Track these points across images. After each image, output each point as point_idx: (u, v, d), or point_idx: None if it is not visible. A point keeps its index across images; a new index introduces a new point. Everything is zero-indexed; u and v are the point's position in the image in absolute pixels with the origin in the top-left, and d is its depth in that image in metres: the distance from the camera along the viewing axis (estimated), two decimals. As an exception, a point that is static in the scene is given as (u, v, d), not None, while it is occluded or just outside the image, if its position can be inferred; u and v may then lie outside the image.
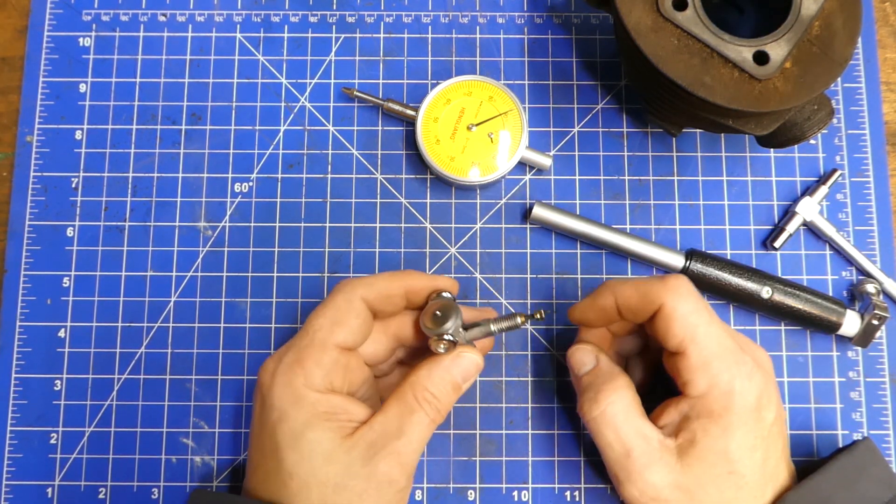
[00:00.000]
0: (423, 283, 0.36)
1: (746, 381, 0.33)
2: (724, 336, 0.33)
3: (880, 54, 0.47)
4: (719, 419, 0.32)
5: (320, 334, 0.34)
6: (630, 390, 0.35)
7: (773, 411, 0.33)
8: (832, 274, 0.44)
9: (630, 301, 0.35)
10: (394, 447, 0.32)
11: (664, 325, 0.34)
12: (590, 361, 0.37)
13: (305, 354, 0.33)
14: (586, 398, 0.35)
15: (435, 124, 0.43)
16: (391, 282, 0.36)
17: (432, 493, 0.42)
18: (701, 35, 0.36)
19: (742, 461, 0.32)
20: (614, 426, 0.34)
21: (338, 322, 0.34)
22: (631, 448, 0.33)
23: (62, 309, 0.43)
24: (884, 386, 0.43)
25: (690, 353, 0.33)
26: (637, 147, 0.46)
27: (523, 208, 0.45)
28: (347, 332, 0.34)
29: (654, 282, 0.35)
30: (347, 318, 0.34)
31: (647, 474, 0.33)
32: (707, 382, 0.33)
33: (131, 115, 0.46)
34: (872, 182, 0.45)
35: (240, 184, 0.45)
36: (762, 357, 0.35)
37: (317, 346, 0.34)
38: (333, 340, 0.34)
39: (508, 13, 0.48)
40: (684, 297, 0.34)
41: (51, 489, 0.42)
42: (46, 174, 0.45)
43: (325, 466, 0.32)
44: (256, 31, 0.47)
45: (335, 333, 0.34)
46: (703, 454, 0.32)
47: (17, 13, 0.47)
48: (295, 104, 0.46)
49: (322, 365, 0.33)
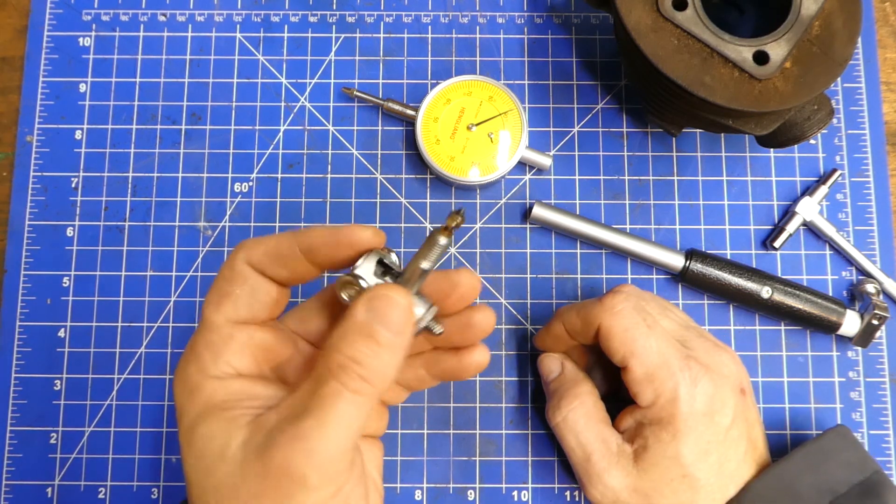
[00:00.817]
0: (321, 236, 0.29)
1: (691, 388, 0.33)
2: (664, 345, 0.34)
3: (880, 54, 0.47)
4: (668, 426, 0.33)
5: (206, 312, 0.29)
6: (592, 396, 0.37)
7: (729, 415, 0.34)
8: (832, 274, 0.44)
9: (574, 326, 0.37)
10: (296, 431, 0.24)
11: (605, 343, 0.35)
12: (556, 369, 0.39)
13: (197, 339, 0.29)
14: (551, 404, 0.38)
15: (435, 124, 0.43)
16: (281, 238, 0.29)
17: (432, 493, 0.42)
18: (701, 35, 0.36)
19: (695, 465, 0.33)
20: (575, 431, 0.36)
21: (223, 294, 0.29)
22: (591, 452, 0.35)
23: (62, 309, 0.43)
24: (884, 386, 0.43)
25: (632, 367, 0.34)
26: (637, 147, 0.46)
27: (523, 208, 0.45)
28: (234, 303, 0.29)
29: (593, 304, 0.36)
30: (231, 287, 0.29)
31: (607, 478, 0.34)
32: (652, 393, 0.34)
33: (131, 115, 0.46)
34: (872, 182, 0.45)
35: (240, 184, 0.45)
36: (719, 361, 0.35)
37: (206, 327, 0.28)
38: (222, 316, 0.28)
39: (508, 13, 0.48)
40: (619, 314, 0.35)
41: (51, 489, 0.42)
42: (46, 174, 0.45)
43: (218, 465, 0.25)
44: (256, 31, 0.47)
45: (222, 308, 0.28)
46: (656, 459, 0.33)
47: (17, 13, 0.47)
48: (295, 104, 0.46)
49: (213, 346, 0.28)
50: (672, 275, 0.44)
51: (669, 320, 0.37)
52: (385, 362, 0.26)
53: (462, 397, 0.43)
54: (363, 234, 0.28)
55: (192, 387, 0.27)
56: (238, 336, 0.29)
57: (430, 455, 0.42)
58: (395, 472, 0.42)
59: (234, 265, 0.29)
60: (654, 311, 0.36)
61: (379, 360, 0.25)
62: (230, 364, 0.28)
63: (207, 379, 0.27)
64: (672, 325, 0.36)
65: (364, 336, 0.25)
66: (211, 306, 0.29)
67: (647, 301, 0.36)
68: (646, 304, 0.36)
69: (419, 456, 0.42)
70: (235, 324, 0.29)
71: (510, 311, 0.44)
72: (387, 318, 0.26)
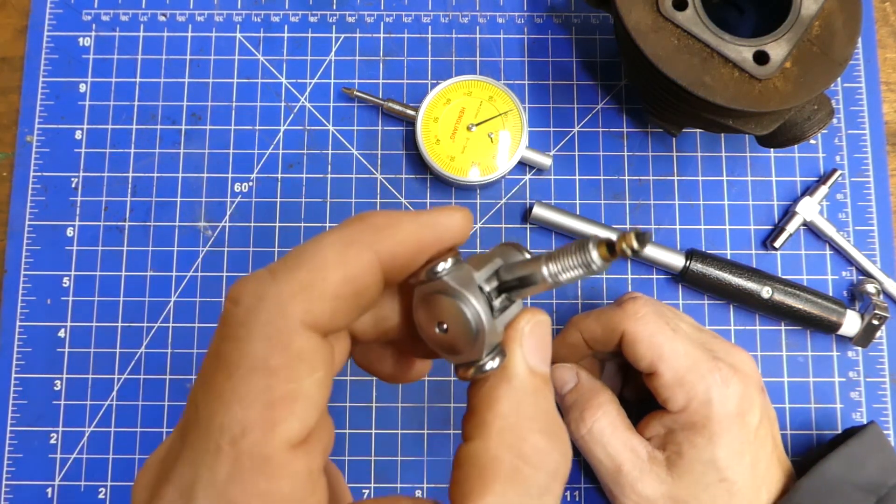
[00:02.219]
0: (414, 236, 0.19)
1: (723, 389, 0.33)
2: (691, 348, 0.34)
3: (880, 54, 0.47)
4: (703, 430, 0.33)
5: (251, 440, 0.16)
6: (614, 405, 0.36)
7: (757, 414, 0.34)
8: (832, 274, 0.44)
9: (595, 334, 0.36)
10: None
11: (630, 350, 0.35)
12: (571, 379, 0.38)
13: (239, 497, 0.16)
14: (572, 418, 0.36)
15: (435, 124, 0.43)
16: (350, 258, 0.17)
17: (432, 493, 0.42)
18: (701, 35, 0.36)
19: (731, 468, 0.33)
20: (602, 443, 0.35)
21: (275, 403, 0.16)
22: (621, 463, 0.34)
23: (62, 309, 0.43)
24: (884, 386, 0.43)
25: (662, 372, 0.34)
26: (637, 147, 0.46)
27: (523, 208, 0.45)
28: (303, 408, 0.17)
29: (613, 311, 0.36)
30: (288, 385, 0.16)
31: (640, 487, 0.33)
32: (684, 397, 0.33)
33: (131, 115, 0.46)
34: (872, 182, 0.45)
35: (240, 184, 0.45)
36: (740, 360, 0.35)
37: (256, 470, 0.16)
38: (282, 442, 0.16)
39: (508, 13, 0.48)
40: (643, 319, 0.34)
41: (51, 489, 0.42)
42: (46, 174, 0.45)
43: None
44: (256, 31, 0.47)
45: (278, 427, 0.16)
46: (692, 465, 0.33)
47: (17, 13, 0.47)
48: (295, 104, 0.46)
49: (283, 501, 0.16)
50: (672, 275, 0.44)
51: (686, 324, 0.36)
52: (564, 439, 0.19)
53: (462, 397, 0.43)
54: (453, 221, 0.20)
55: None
56: (313, 462, 0.17)
57: (430, 455, 0.42)
58: (396, 472, 0.42)
59: (287, 340, 0.16)
60: (671, 316, 0.36)
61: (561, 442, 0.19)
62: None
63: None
64: (689, 329, 0.36)
65: (533, 412, 0.18)
66: (257, 429, 0.16)
67: (660, 306, 0.36)
68: (664, 309, 0.36)
69: (419, 456, 0.42)
70: (303, 444, 0.17)
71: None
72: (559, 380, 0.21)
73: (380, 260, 0.18)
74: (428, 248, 0.19)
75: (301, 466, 0.16)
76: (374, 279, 0.18)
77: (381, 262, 0.18)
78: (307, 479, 0.16)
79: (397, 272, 0.19)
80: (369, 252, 0.17)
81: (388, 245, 0.18)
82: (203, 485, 0.16)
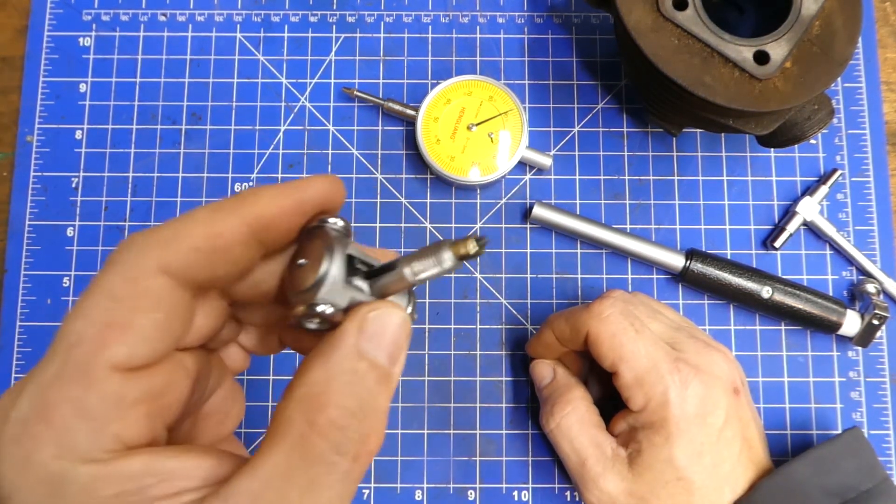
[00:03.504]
0: (276, 199, 0.20)
1: (681, 390, 0.33)
2: (653, 349, 0.34)
3: (880, 54, 0.47)
4: (661, 430, 0.33)
5: (80, 351, 0.18)
6: (584, 401, 0.37)
7: (721, 416, 0.34)
8: (832, 274, 0.44)
9: (563, 333, 0.37)
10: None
11: (594, 349, 0.35)
12: (548, 375, 0.40)
13: (54, 397, 0.17)
14: (544, 411, 0.38)
15: (435, 124, 0.43)
16: (215, 218, 0.20)
17: (432, 493, 0.42)
18: (701, 35, 0.36)
19: (689, 468, 0.33)
20: (569, 437, 0.36)
21: (114, 326, 0.18)
22: (586, 458, 0.35)
23: (62, 309, 0.43)
24: (884, 386, 0.43)
25: (622, 372, 0.34)
26: (637, 147, 0.46)
27: (523, 208, 0.45)
28: (133, 341, 0.18)
29: (580, 311, 0.36)
30: (130, 315, 0.18)
31: (602, 482, 0.34)
32: (643, 397, 0.34)
33: (131, 115, 0.46)
34: (872, 182, 0.45)
35: (240, 184, 0.45)
36: (710, 361, 0.35)
37: (74, 375, 0.18)
38: (108, 362, 0.18)
39: (508, 13, 0.48)
40: (606, 320, 0.35)
41: (51, 489, 0.42)
42: (46, 174, 0.45)
43: None
44: (256, 30, 0.47)
45: (110, 348, 0.18)
46: (650, 463, 0.34)
47: (17, 13, 0.47)
48: (295, 104, 0.46)
49: (90, 411, 0.18)
50: (672, 275, 0.44)
51: (659, 322, 0.36)
52: (384, 409, 0.20)
53: (462, 397, 0.43)
54: (322, 189, 0.21)
55: (51, 480, 0.17)
56: (130, 391, 0.18)
57: (430, 455, 0.42)
58: (395, 472, 0.42)
59: (138, 276, 0.19)
60: (643, 315, 0.36)
61: (379, 413, 0.19)
62: (120, 438, 0.18)
63: (79, 467, 0.17)
64: (661, 328, 0.36)
65: (362, 377, 0.19)
66: (88, 342, 0.18)
67: (635, 305, 0.36)
68: (634, 308, 0.36)
69: (419, 456, 0.42)
70: (128, 372, 0.18)
71: (510, 311, 0.44)
72: (387, 343, 0.20)
73: (247, 224, 0.20)
74: (292, 212, 0.20)
75: (116, 388, 0.18)
76: (238, 239, 0.20)
77: (248, 225, 0.20)
78: (123, 405, 0.18)
79: (271, 236, 0.21)
80: (234, 216, 0.19)
81: (252, 210, 0.20)
82: (31, 386, 0.18)
